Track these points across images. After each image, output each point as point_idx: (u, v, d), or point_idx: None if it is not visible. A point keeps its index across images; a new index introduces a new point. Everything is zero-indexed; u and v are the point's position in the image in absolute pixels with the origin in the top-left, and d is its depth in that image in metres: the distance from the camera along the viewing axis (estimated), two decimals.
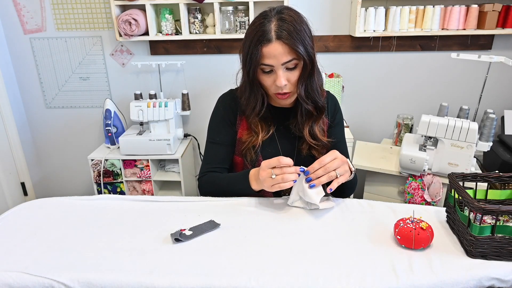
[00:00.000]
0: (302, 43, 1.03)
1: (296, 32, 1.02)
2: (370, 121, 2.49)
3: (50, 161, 2.68)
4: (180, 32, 2.22)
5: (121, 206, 1.08)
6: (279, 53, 1.03)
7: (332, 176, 1.01)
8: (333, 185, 1.02)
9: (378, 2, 2.17)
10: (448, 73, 2.33)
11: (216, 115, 1.27)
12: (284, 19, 1.03)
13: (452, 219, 0.94)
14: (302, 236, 0.93)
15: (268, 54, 1.03)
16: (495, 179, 0.96)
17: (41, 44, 2.37)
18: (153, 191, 2.28)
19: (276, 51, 1.02)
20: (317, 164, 1.01)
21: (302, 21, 1.06)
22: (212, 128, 1.27)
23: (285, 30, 1.02)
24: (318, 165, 1.01)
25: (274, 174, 0.99)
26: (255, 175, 1.08)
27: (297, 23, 1.04)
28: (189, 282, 0.77)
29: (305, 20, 1.08)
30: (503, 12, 2.05)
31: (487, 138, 1.80)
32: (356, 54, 2.32)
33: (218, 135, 1.24)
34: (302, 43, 1.03)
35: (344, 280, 0.77)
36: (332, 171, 1.01)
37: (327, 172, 1.01)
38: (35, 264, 0.82)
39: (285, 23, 1.03)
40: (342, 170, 1.03)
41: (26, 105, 2.53)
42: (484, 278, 0.77)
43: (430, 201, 1.78)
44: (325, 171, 1.01)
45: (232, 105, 1.24)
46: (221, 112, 1.25)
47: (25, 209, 1.07)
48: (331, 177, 1.01)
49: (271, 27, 1.03)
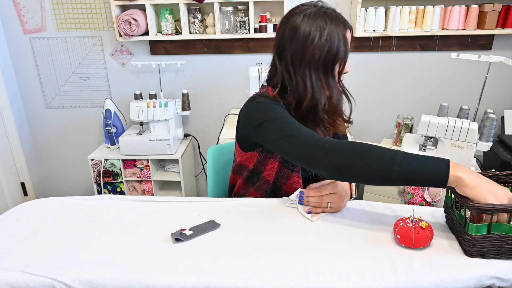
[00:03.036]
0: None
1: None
2: (370, 121, 2.49)
3: (50, 161, 2.68)
4: (180, 32, 2.23)
5: (121, 206, 1.08)
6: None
7: (323, 206, 1.02)
8: (316, 210, 1.02)
9: (378, 2, 2.17)
10: (448, 73, 2.33)
11: (281, 111, 1.02)
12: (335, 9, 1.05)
13: (450, 219, 0.95)
14: (302, 236, 0.93)
15: (349, 40, 1.03)
16: (492, 178, 0.96)
17: (41, 44, 2.37)
18: (153, 191, 2.28)
19: (350, 37, 1.04)
20: (314, 192, 1.02)
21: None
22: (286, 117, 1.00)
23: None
24: (314, 194, 1.01)
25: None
26: (469, 170, 0.84)
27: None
28: (189, 282, 0.77)
29: None
30: (503, 12, 2.05)
31: (487, 138, 1.80)
32: (356, 54, 2.32)
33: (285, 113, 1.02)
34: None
35: (344, 279, 0.77)
36: (324, 203, 1.02)
37: (320, 203, 1.02)
38: (35, 263, 0.83)
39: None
40: (336, 204, 1.02)
41: (26, 105, 2.53)
42: (484, 277, 0.77)
43: (430, 201, 1.78)
44: (318, 201, 1.01)
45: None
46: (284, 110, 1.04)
47: (25, 209, 1.07)
48: (321, 207, 1.02)
49: (336, 13, 1.03)
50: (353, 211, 1.04)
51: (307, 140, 0.93)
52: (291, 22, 1.02)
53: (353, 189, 1.08)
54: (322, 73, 1.03)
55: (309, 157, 0.91)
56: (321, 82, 1.03)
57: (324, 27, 0.99)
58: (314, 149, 0.91)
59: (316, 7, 1.02)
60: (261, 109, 1.03)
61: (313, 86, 1.02)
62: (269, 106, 1.03)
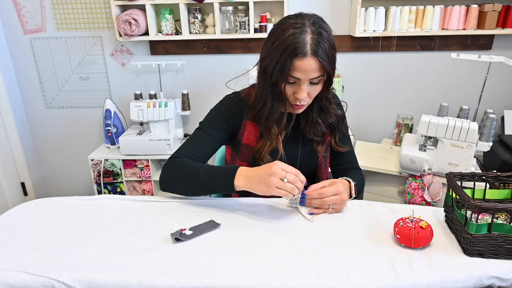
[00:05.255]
0: (331, 60, 1.02)
1: (328, 49, 1.00)
2: (370, 121, 2.49)
3: (50, 161, 2.68)
4: (180, 32, 2.23)
5: (121, 206, 1.08)
6: (311, 69, 0.99)
7: (325, 207, 1.03)
8: (318, 211, 1.03)
9: (378, 2, 2.17)
10: (448, 73, 2.33)
11: (219, 110, 1.22)
12: (321, 34, 0.99)
13: (450, 218, 0.95)
14: (302, 236, 0.93)
15: (300, 68, 0.99)
16: (493, 178, 0.96)
17: (41, 44, 2.37)
18: (153, 191, 2.28)
19: (309, 66, 0.99)
20: (316, 194, 1.02)
21: (332, 35, 1.04)
22: (208, 118, 1.22)
23: (322, 47, 0.98)
24: (317, 195, 1.02)
25: (286, 179, 0.94)
26: (246, 172, 1.01)
27: (332, 40, 1.02)
28: (189, 282, 0.77)
29: (332, 34, 1.05)
30: (503, 12, 2.05)
31: (487, 138, 1.80)
32: (356, 54, 2.32)
33: (211, 128, 1.19)
34: (331, 60, 1.02)
35: (344, 279, 0.77)
36: (326, 204, 1.02)
37: (322, 204, 1.02)
38: (35, 263, 0.83)
39: (322, 39, 0.99)
40: (337, 206, 1.03)
41: (26, 105, 2.53)
42: (484, 276, 0.78)
43: (430, 201, 1.78)
44: (321, 203, 1.02)
45: (238, 110, 1.20)
46: (225, 110, 1.20)
47: (25, 209, 1.07)
48: (323, 208, 1.03)
49: (306, 40, 0.98)
50: (353, 211, 1.04)
51: (176, 150, 1.16)
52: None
53: (352, 189, 1.09)
54: (264, 81, 1.08)
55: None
56: (262, 89, 1.10)
57: (275, 41, 1.02)
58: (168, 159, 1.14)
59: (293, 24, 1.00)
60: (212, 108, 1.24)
61: (257, 91, 1.13)
62: (215, 108, 1.23)
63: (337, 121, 1.21)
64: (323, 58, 0.99)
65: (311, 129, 1.19)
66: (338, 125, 1.22)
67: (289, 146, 1.21)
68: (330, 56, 1.01)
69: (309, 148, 1.22)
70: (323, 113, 1.18)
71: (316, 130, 1.19)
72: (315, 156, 1.23)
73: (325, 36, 1.00)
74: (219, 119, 1.20)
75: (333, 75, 1.06)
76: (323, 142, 1.22)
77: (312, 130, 1.19)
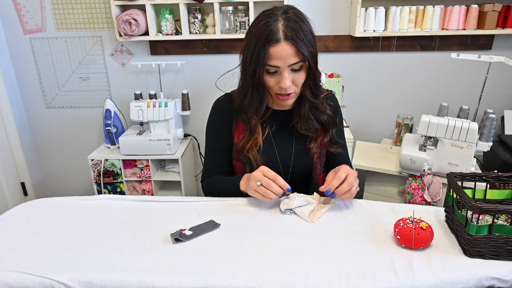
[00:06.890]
0: (309, 45, 1.03)
1: (303, 33, 1.01)
2: (370, 121, 2.49)
3: (50, 161, 2.68)
4: (180, 32, 2.22)
5: (121, 206, 1.08)
6: (287, 54, 1.00)
7: (353, 192, 1.04)
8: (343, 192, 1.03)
9: (378, 2, 2.17)
10: (448, 73, 2.33)
11: (213, 120, 1.26)
12: (290, 19, 1.01)
13: (450, 218, 0.95)
14: (302, 236, 0.93)
15: (276, 54, 1.00)
16: (494, 178, 0.96)
17: (41, 44, 2.37)
18: (153, 191, 2.28)
19: (284, 51, 1.00)
20: (346, 186, 1.02)
21: (307, 22, 1.05)
22: (210, 133, 1.27)
23: (293, 30, 1.00)
24: (347, 187, 1.02)
25: (260, 182, 1.02)
26: (247, 176, 1.11)
27: (304, 24, 1.03)
28: (189, 282, 0.77)
29: (309, 21, 1.06)
30: (503, 12, 2.05)
31: (487, 138, 1.80)
32: (356, 54, 2.32)
33: (216, 141, 1.25)
34: (309, 45, 1.02)
35: (344, 279, 0.77)
36: (354, 187, 1.03)
37: (350, 187, 1.02)
38: (35, 264, 0.83)
39: (292, 23, 1.00)
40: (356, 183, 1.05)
41: (26, 105, 2.53)
42: (484, 277, 0.77)
43: (430, 201, 1.77)
44: (348, 186, 1.02)
45: (227, 110, 1.23)
46: (218, 117, 1.25)
47: (25, 209, 1.07)
48: (352, 194, 1.04)
49: (278, 26, 1.00)
50: (353, 211, 1.04)
51: (201, 171, 1.33)
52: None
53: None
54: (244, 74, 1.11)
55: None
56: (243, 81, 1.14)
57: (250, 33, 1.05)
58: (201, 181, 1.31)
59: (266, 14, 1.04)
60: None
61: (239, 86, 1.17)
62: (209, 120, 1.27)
63: (328, 121, 1.21)
64: (297, 42, 1.00)
65: (303, 124, 1.19)
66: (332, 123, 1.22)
67: (282, 144, 1.22)
68: (306, 41, 1.02)
69: (302, 146, 1.22)
70: (314, 109, 1.18)
71: (308, 126, 1.19)
72: (309, 154, 1.22)
73: (295, 20, 1.02)
74: (217, 128, 1.25)
75: (313, 60, 1.06)
76: (316, 139, 1.22)
77: (304, 125, 1.19)
